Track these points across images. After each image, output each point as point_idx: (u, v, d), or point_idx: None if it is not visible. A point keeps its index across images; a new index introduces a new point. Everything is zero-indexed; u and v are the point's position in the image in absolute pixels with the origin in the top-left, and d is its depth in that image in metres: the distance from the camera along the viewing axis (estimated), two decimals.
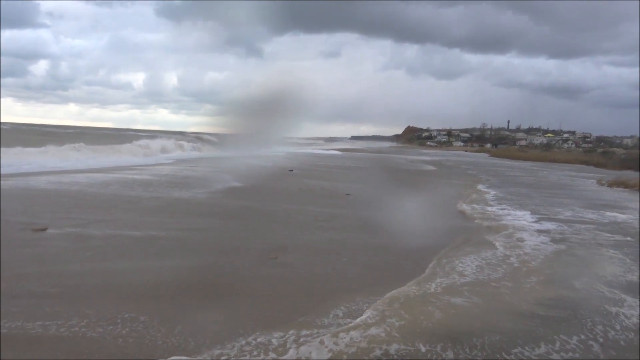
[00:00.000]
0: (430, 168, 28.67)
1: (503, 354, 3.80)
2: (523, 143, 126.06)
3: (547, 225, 9.52)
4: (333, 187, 14.21)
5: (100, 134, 50.79)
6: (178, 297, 4.74)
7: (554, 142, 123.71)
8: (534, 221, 9.90)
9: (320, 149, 58.42)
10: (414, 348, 3.78)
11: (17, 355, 3.46)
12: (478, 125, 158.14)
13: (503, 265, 6.36)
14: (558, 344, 4.07)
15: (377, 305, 4.68)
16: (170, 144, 33.62)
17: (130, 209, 8.95)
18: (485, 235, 8.25)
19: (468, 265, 6.29)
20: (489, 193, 15.14)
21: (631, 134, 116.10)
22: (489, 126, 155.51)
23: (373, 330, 4.04)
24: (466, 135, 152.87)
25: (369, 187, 14.94)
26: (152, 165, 19.46)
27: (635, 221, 10.35)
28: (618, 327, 4.48)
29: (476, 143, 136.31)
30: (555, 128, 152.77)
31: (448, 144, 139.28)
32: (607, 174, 25.83)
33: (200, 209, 9.44)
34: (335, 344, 3.75)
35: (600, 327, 4.45)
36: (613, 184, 19.32)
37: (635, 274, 6.21)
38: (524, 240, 7.89)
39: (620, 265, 6.62)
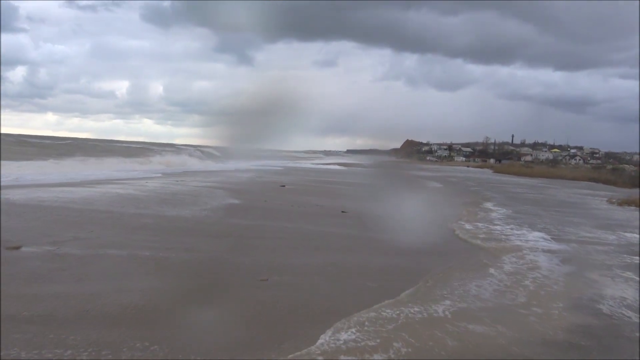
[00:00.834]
0: (436, 185, 28.61)
1: None
2: (528, 158, 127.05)
3: (559, 245, 9.56)
4: (328, 204, 14.21)
5: (88, 145, 50.60)
6: (162, 321, 4.64)
7: (560, 158, 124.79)
8: (545, 241, 9.92)
9: (314, 163, 58.99)
10: None
11: None
12: (481, 140, 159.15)
13: (519, 288, 6.33)
14: None
15: (378, 328, 4.57)
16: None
17: (114, 225, 8.86)
18: (494, 256, 8.27)
19: (480, 288, 6.22)
20: (495, 211, 15.19)
21: None
22: (492, 140, 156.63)
23: (376, 357, 3.93)
24: (468, 149, 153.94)
25: (367, 204, 14.91)
26: (137, 179, 19.30)
27: None
28: None
29: (479, 158, 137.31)
30: (562, 143, 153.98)
31: (449, 159, 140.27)
32: (618, 192, 25.99)
33: (187, 226, 9.37)
34: None
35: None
36: (624, 203, 19.39)
37: None
38: (536, 262, 7.93)
39: None
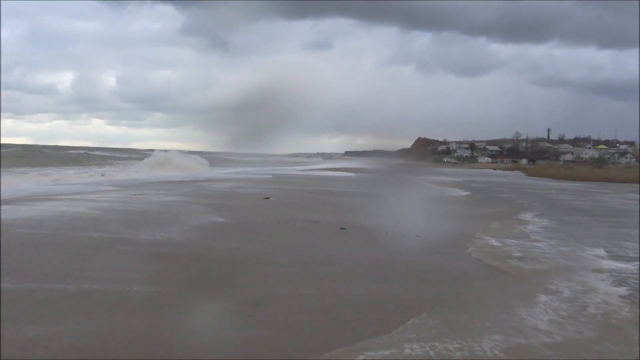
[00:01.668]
0: (457, 192, 28.79)
1: None
2: (568, 157, 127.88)
3: (619, 264, 9.55)
4: (323, 219, 14.33)
5: (22, 153, 50.46)
6: None
7: (608, 156, 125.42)
8: (601, 259, 9.94)
9: (306, 169, 59.41)
10: None
11: None
12: (510, 136, 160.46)
13: (581, 318, 6.28)
14: None
15: None
16: None
17: (60, 251, 8.79)
18: (540, 278, 8.25)
19: (532, 317, 6.11)
20: (533, 223, 15.29)
21: None
22: (524, 136, 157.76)
23: None
24: (495, 148, 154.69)
25: (371, 219, 14.96)
26: (86, 193, 19.20)
27: None
28: None
29: (508, 158, 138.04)
30: (610, 138, 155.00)
31: (471, 160, 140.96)
32: None
33: (151, 250, 9.29)
34: None
35: None
36: None
37: None
38: (594, 285, 7.91)
39: None
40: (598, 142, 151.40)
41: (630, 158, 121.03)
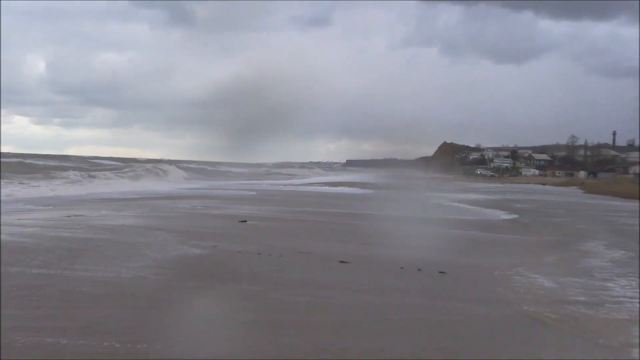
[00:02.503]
0: (495, 215, 28.88)
1: None
2: None
3: None
4: (317, 249, 14.40)
5: None
6: None
7: None
8: None
9: (293, 185, 59.99)
10: None
11: None
12: (564, 141, 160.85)
13: None
14: None
15: None
16: None
17: None
18: (617, 331, 8.24)
19: None
20: (601, 256, 15.34)
21: None
22: (582, 142, 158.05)
23: None
24: (543, 157, 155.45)
25: (382, 248, 15.03)
26: (9, 212, 19.16)
27: None
28: None
29: (561, 170, 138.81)
30: None
31: (513, 172, 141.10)
32: None
33: (92, 291, 9.17)
34: None
35: None
36: None
37: None
38: None
39: None
40: None
41: None
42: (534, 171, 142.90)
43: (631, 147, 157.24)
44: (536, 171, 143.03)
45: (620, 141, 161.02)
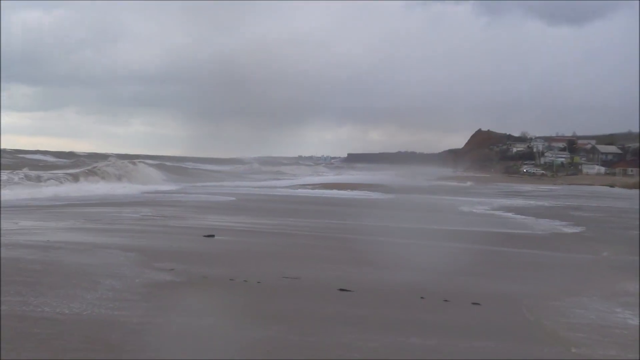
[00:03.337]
0: (561, 228, 28.89)
1: None
2: None
3: None
4: (307, 273, 14.58)
5: None
6: None
7: None
8: None
9: (282, 185, 62.49)
10: None
11: None
12: (637, 129, 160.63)
13: None
14: None
15: None
16: None
17: None
18: None
19: None
20: None
21: None
22: None
23: None
24: (611, 149, 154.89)
25: (393, 272, 15.27)
26: None
27: None
28: None
29: (634, 167, 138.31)
30: None
31: (570, 170, 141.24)
32: None
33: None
34: None
35: None
36: None
37: None
38: None
39: None
40: None
41: None
42: (598, 168, 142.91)
43: None
44: (602, 168, 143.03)
45: None
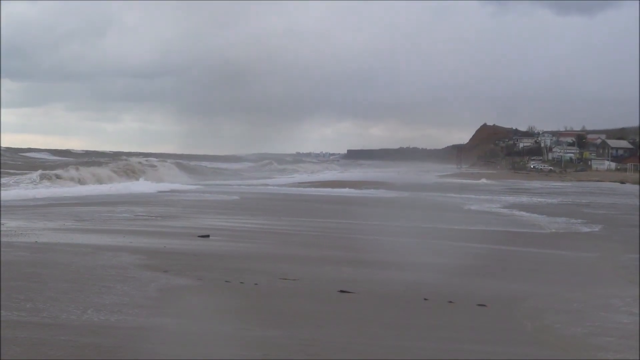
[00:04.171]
0: (577, 227, 28.82)
1: None
2: None
3: None
4: (306, 273, 14.67)
5: None
6: None
7: None
8: None
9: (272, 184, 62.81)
10: None
11: None
12: None
13: None
14: None
15: None
16: None
17: None
18: None
19: None
20: None
21: None
22: None
23: None
24: (622, 144, 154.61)
25: (396, 271, 15.31)
26: None
27: None
28: None
29: None
30: None
31: (579, 166, 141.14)
32: None
33: None
34: None
35: None
36: None
37: None
38: None
39: None
40: None
41: None
42: (608, 164, 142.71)
43: None
44: (612, 164, 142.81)
45: None
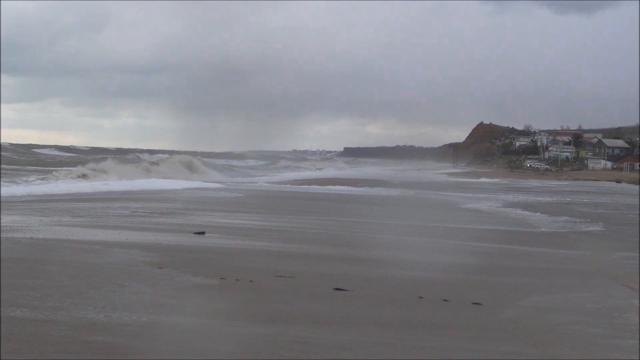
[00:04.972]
0: (580, 226, 28.83)
1: None
2: None
3: None
4: (302, 270, 14.65)
5: None
6: None
7: None
8: None
9: (268, 181, 63.15)
10: None
11: None
12: None
13: None
14: None
15: None
16: None
17: None
18: None
19: None
20: None
21: None
22: None
23: None
24: (618, 143, 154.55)
25: (393, 269, 15.19)
26: None
27: None
28: None
29: None
30: None
31: (575, 165, 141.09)
32: None
33: None
34: None
35: None
36: None
37: None
38: None
39: None
40: None
41: None
42: (604, 163, 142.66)
43: None
44: (608, 163, 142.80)
45: None
